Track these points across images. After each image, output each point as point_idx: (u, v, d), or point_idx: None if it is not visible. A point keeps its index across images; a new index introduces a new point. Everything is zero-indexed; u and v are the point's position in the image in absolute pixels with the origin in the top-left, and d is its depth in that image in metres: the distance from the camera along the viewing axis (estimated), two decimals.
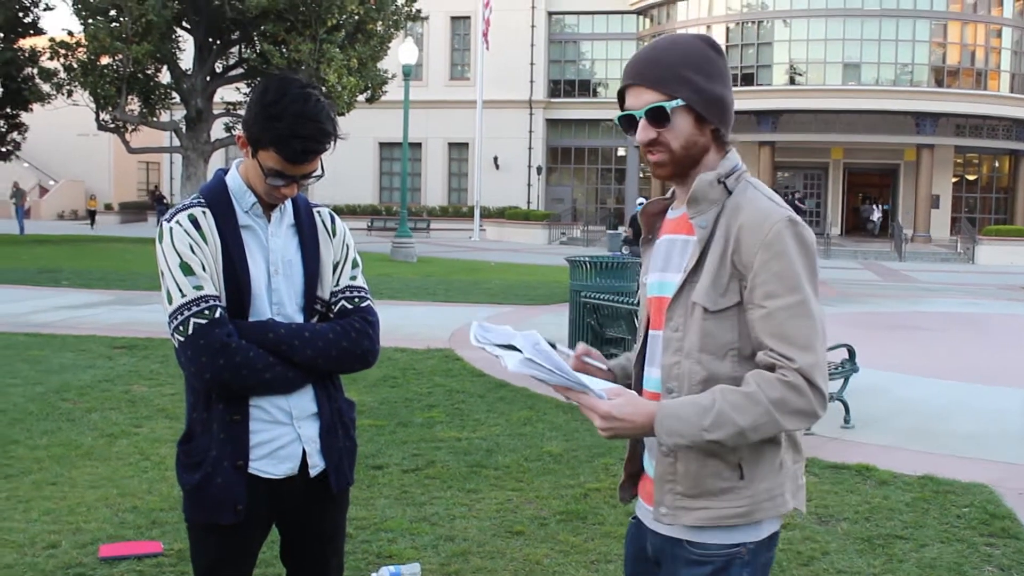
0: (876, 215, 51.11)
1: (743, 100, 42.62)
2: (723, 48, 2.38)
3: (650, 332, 2.44)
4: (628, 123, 2.36)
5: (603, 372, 2.50)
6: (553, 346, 2.29)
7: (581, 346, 2.50)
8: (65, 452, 7.04)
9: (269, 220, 2.79)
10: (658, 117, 2.30)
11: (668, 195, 2.51)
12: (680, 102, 2.28)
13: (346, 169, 48.50)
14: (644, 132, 2.32)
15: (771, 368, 2.19)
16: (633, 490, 2.60)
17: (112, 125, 34.26)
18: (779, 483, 2.31)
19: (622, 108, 2.39)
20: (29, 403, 8.56)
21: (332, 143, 2.70)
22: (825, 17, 44.92)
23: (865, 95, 44.24)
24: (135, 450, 7.14)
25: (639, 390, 2.45)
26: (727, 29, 47.26)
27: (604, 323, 11.03)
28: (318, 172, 2.73)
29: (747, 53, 46.52)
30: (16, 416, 8.05)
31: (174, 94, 35.99)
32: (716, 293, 2.25)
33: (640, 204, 18.95)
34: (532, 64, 52.16)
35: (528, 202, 51.74)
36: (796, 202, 41.04)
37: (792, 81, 45.90)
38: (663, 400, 2.25)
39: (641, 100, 2.32)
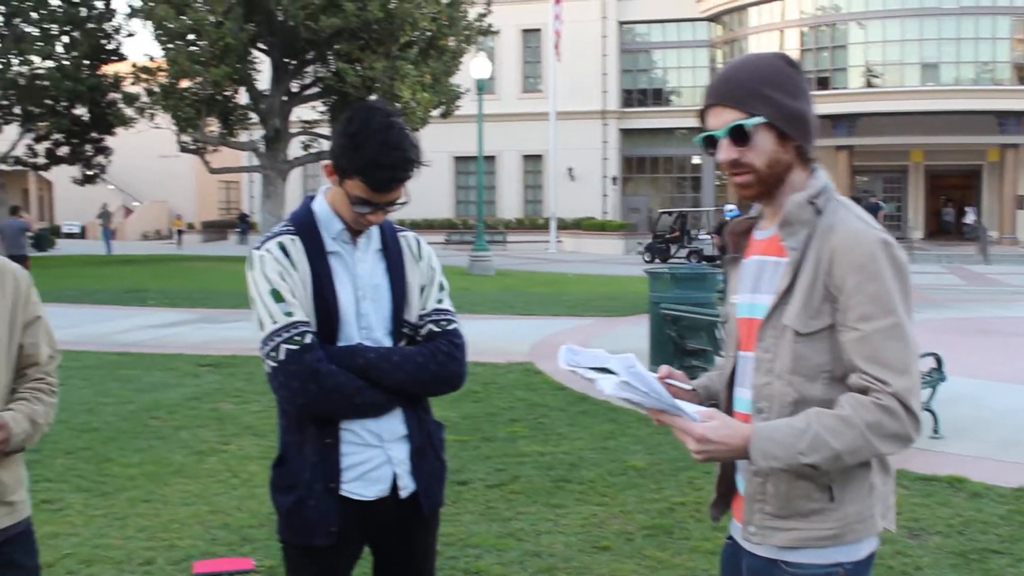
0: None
1: (819, 104, 41.09)
2: (800, 63, 2.38)
3: (740, 353, 2.44)
4: (710, 144, 2.35)
5: (686, 392, 2.49)
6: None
7: (664, 368, 2.50)
8: (157, 470, 7.20)
9: (356, 246, 2.83)
10: (739, 136, 2.28)
11: (754, 213, 2.49)
12: (761, 119, 2.27)
13: (422, 184, 48.08)
14: (726, 152, 2.31)
15: (865, 391, 2.17)
16: (724, 509, 2.58)
17: (193, 146, 34.92)
18: (869, 505, 2.30)
19: (705, 129, 2.37)
20: (122, 421, 8.76)
21: (416, 170, 2.74)
22: (901, 17, 44.15)
23: (945, 95, 43.35)
24: (224, 467, 7.26)
25: (728, 411, 2.45)
26: (801, 33, 46.71)
27: (685, 334, 10.96)
28: (403, 199, 2.78)
29: (822, 57, 45.92)
30: (110, 435, 8.24)
31: (252, 114, 36.56)
32: (807, 315, 2.24)
33: (729, 212, 18.69)
34: (604, 74, 52.02)
35: (604, 213, 51.59)
36: (871, 200, 40.33)
37: (869, 84, 45.19)
38: (757, 423, 2.24)
39: (721, 120, 2.30)
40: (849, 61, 45.50)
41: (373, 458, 2.78)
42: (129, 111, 36.54)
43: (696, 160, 52.93)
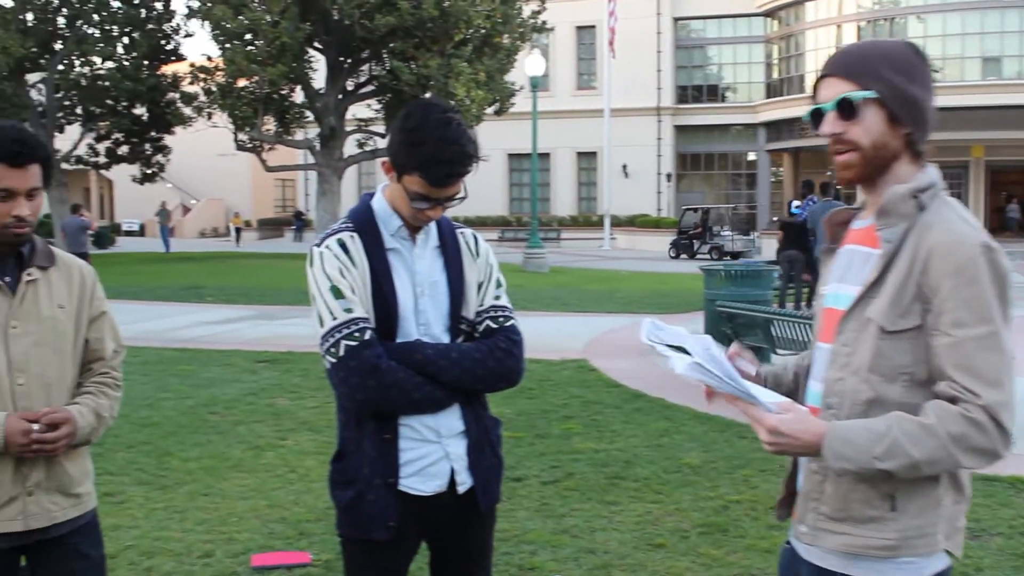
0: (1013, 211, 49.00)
1: None
2: (928, 56, 2.27)
3: (819, 344, 2.34)
4: (816, 119, 2.25)
5: (750, 375, 2.41)
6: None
7: (734, 346, 2.45)
8: (215, 464, 7.29)
9: (415, 243, 2.85)
10: (847, 109, 2.18)
11: (858, 203, 2.40)
12: (872, 94, 2.16)
13: (476, 182, 47.66)
14: (831, 125, 2.21)
15: (954, 401, 2.06)
16: (791, 508, 2.46)
17: (250, 145, 35.29)
18: (932, 522, 2.17)
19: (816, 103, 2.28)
20: (180, 416, 8.89)
21: (474, 165, 2.75)
22: (961, 11, 43.46)
23: (1007, 90, 42.60)
24: (281, 462, 7.34)
25: (802, 402, 2.35)
26: (858, 28, 46.15)
27: (740, 332, 10.89)
28: (461, 194, 2.79)
29: None
30: (169, 429, 8.36)
31: (308, 113, 36.87)
32: (895, 313, 2.13)
33: (796, 208, 18.47)
34: (659, 71, 51.77)
35: (658, 210, 51.37)
36: None
37: None
38: (836, 421, 2.14)
39: (832, 91, 2.21)
40: None
41: (431, 454, 2.80)
42: (187, 110, 37.06)
43: (752, 156, 52.53)
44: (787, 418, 2.11)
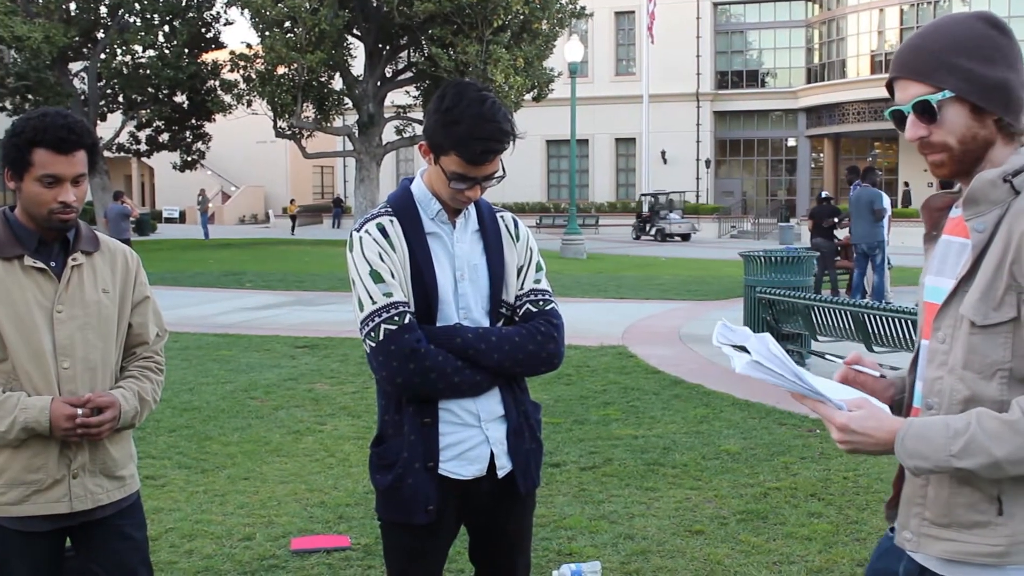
0: None
1: None
2: (1007, 25, 2.11)
3: (921, 342, 2.21)
4: (899, 119, 2.15)
5: (876, 380, 2.30)
6: (822, 355, 2.15)
7: (853, 354, 2.34)
8: (255, 448, 7.35)
9: (454, 226, 2.85)
10: (925, 112, 2.06)
11: (955, 189, 2.24)
12: (948, 93, 2.03)
13: (514, 168, 47.73)
14: (913, 129, 2.10)
15: None
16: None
17: (289, 132, 35.49)
18: None
19: (892, 103, 2.17)
20: (221, 401, 8.96)
21: (511, 142, 2.75)
22: None
23: None
24: (320, 447, 7.39)
25: (911, 403, 2.25)
26: (901, 11, 45.65)
27: (780, 319, 10.82)
28: (499, 173, 2.78)
29: None
30: (210, 414, 8.44)
31: (347, 100, 37.03)
32: (987, 306, 1.99)
33: (825, 194, 18.39)
34: (698, 56, 51.48)
35: (697, 196, 51.15)
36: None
37: None
38: (913, 417, 2.05)
39: (908, 94, 2.09)
40: None
41: (471, 438, 2.80)
42: (227, 98, 37.33)
43: (792, 142, 52.14)
44: (858, 415, 2.02)
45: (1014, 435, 1.90)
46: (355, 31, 35.93)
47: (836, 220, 16.98)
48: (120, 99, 38.23)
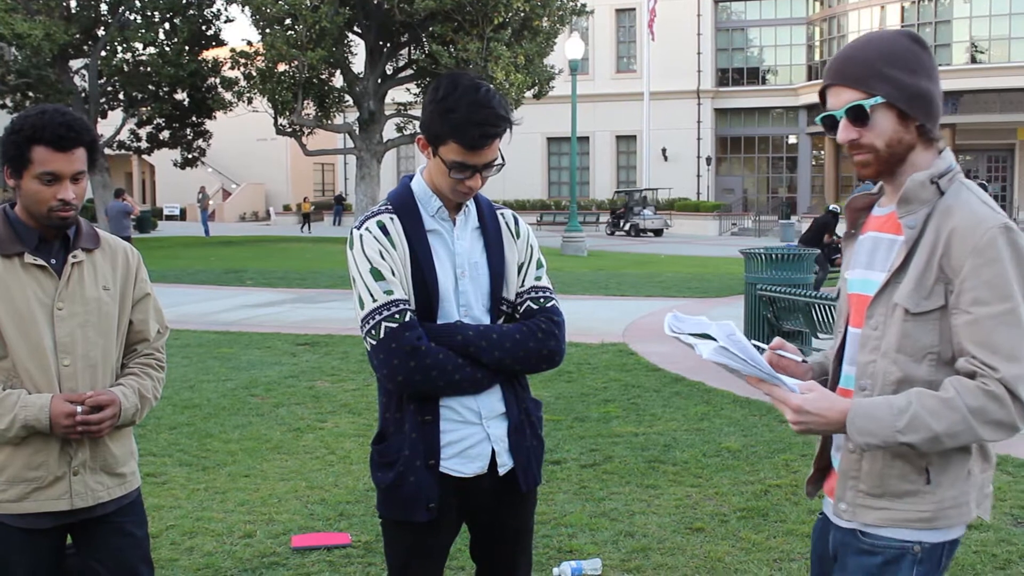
0: None
1: None
2: (926, 42, 2.34)
3: (849, 329, 2.42)
4: (830, 124, 2.33)
5: (797, 365, 2.49)
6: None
7: (777, 340, 2.51)
8: (256, 446, 7.35)
9: (455, 223, 2.85)
10: (858, 116, 2.26)
11: (875, 189, 2.47)
12: (879, 99, 2.24)
13: (515, 165, 48.85)
14: (845, 132, 2.29)
15: (972, 376, 2.15)
16: (820, 485, 2.57)
17: (289, 129, 35.48)
18: (965, 491, 2.28)
19: (824, 109, 2.36)
20: (221, 398, 8.96)
21: (507, 128, 2.74)
22: None
23: None
24: (321, 444, 7.38)
25: (834, 386, 2.44)
26: (902, 8, 45.58)
27: (780, 316, 10.82)
28: (499, 161, 2.77)
29: (924, 32, 44.64)
30: (210, 411, 8.44)
31: (347, 97, 37.01)
32: (919, 295, 2.21)
33: (833, 207, 18.51)
34: (699, 53, 51.40)
35: (697, 193, 51.11)
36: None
37: (973, 60, 43.96)
38: (860, 398, 2.23)
39: (840, 100, 2.29)
40: (953, 37, 44.28)
41: (472, 435, 2.80)
42: (227, 95, 37.30)
43: (792, 139, 52.09)
44: (811, 397, 2.19)
45: (950, 411, 2.12)
46: (356, 28, 35.91)
47: (835, 239, 17.09)
48: (121, 96, 38.21)
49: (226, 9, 38.32)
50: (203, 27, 38.23)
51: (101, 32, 36.75)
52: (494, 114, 2.68)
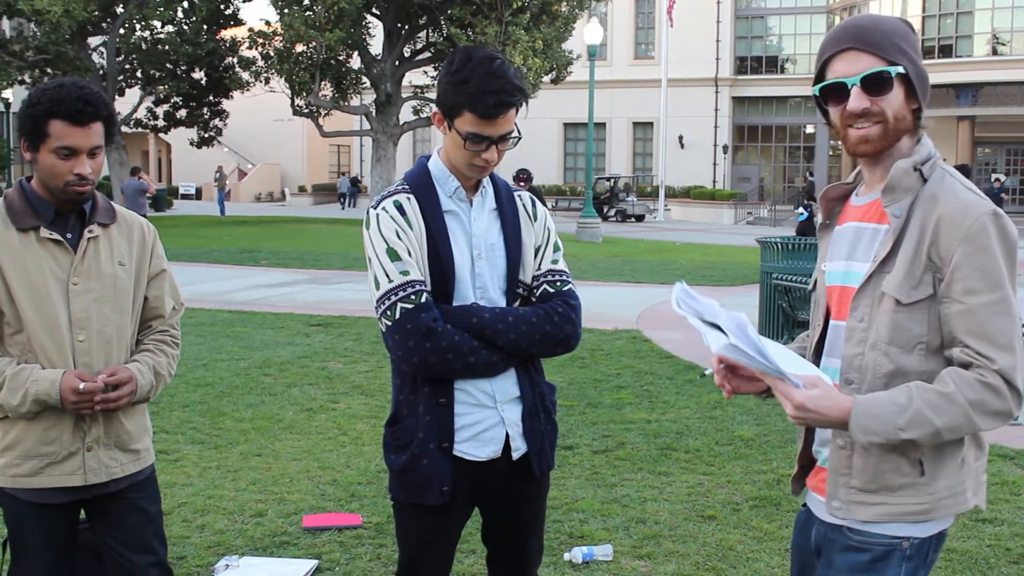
0: None
1: (941, 73, 40.75)
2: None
3: (831, 322, 2.38)
4: (834, 93, 2.24)
5: None
6: None
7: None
8: (268, 425, 7.36)
9: (472, 204, 2.82)
10: (878, 84, 2.19)
11: (851, 179, 2.43)
12: (901, 70, 2.20)
13: (531, 150, 48.58)
14: (858, 100, 2.20)
15: (968, 367, 2.13)
16: (803, 483, 2.53)
17: (306, 110, 35.44)
18: (960, 480, 2.26)
19: (822, 79, 2.27)
20: (234, 377, 8.97)
21: (523, 100, 2.71)
22: None
23: None
24: (333, 425, 7.39)
25: None
26: None
27: (796, 306, 10.77)
28: (515, 134, 2.74)
29: (945, 23, 44.35)
30: (223, 390, 8.45)
31: (364, 79, 36.92)
32: (909, 285, 2.18)
33: (800, 215, 18.54)
34: (718, 41, 51.14)
35: (713, 181, 50.91)
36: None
37: (995, 51, 43.55)
38: (858, 396, 2.19)
39: (858, 65, 2.20)
40: (975, 28, 43.84)
41: (487, 419, 2.78)
42: (245, 75, 37.22)
43: (810, 129, 51.82)
44: (814, 395, 2.14)
45: (951, 406, 2.10)
46: (374, 10, 35.81)
47: None
48: (138, 74, 38.19)
49: None
50: (221, 6, 38.16)
51: (120, 9, 36.69)
52: (509, 83, 2.66)
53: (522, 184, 15.03)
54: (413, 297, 2.66)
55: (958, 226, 2.13)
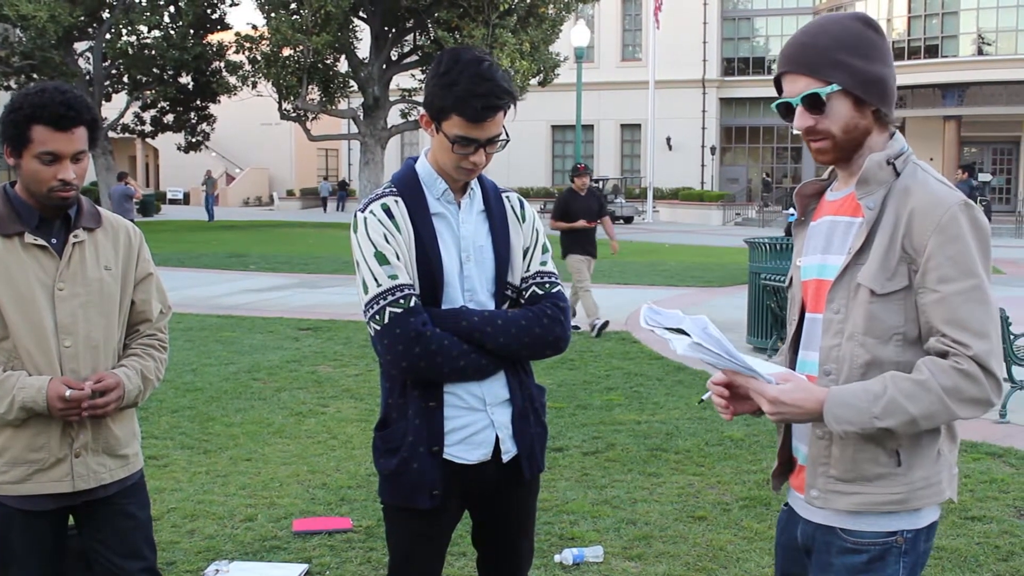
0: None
1: (926, 73, 40.91)
2: (878, 24, 2.36)
3: (807, 315, 2.41)
4: (786, 111, 2.33)
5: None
6: None
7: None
8: (258, 429, 7.34)
9: (460, 207, 2.81)
10: (814, 104, 2.26)
11: (826, 175, 2.47)
12: (835, 87, 2.24)
13: (519, 153, 48.65)
14: (802, 119, 2.29)
15: (944, 355, 2.15)
16: (786, 477, 2.55)
17: (294, 114, 35.42)
18: (936, 471, 2.28)
19: (780, 95, 2.36)
20: (223, 382, 8.95)
21: (511, 103, 2.70)
22: None
23: None
24: (323, 429, 7.37)
25: None
26: None
27: (784, 305, 10.78)
28: (503, 137, 2.73)
29: (931, 23, 44.46)
30: (212, 395, 8.43)
31: (352, 83, 36.93)
32: (884, 276, 2.21)
33: (791, 216, 18.53)
34: (705, 42, 51.22)
35: (701, 183, 50.97)
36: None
37: (980, 51, 43.67)
38: (832, 386, 2.22)
39: (796, 87, 2.28)
40: (960, 28, 43.94)
41: (476, 422, 2.77)
42: (232, 79, 37.21)
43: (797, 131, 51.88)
44: (787, 388, 2.19)
45: (926, 394, 2.12)
46: (361, 13, 35.82)
47: None
48: (125, 79, 38.12)
49: None
50: (208, 11, 38.13)
51: (106, 14, 36.64)
52: (497, 86, 2.65)
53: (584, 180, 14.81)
54: (402, 301, 2.65)
55: (930, 217, 2.17)
